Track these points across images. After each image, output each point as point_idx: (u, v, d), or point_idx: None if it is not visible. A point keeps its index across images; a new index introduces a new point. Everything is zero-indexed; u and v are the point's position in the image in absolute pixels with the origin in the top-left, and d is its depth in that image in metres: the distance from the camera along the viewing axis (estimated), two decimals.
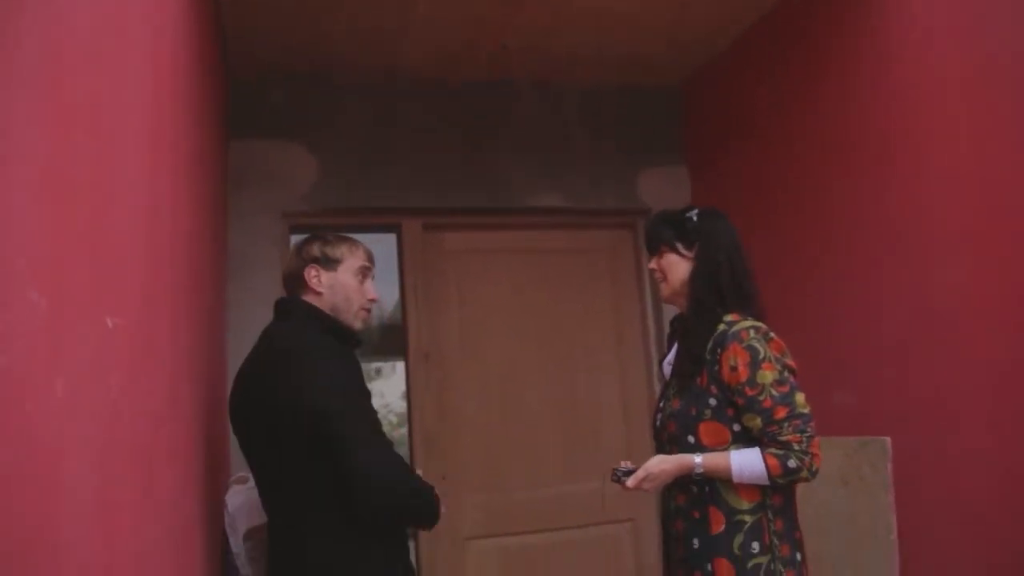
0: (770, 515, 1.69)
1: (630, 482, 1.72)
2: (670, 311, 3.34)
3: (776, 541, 1.68)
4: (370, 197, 3.11)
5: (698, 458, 1.69)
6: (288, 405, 1.62)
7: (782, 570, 1.67)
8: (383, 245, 3.30)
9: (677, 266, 1.86)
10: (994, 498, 1.97)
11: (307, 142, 3.03)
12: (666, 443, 1.81)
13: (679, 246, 1.86)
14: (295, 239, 2.18)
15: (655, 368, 3.35)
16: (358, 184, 3.08)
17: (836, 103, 2.53)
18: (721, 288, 1.79)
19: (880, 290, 2.36)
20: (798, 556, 1.71)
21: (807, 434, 1.66)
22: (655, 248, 1.91)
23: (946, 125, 2.13)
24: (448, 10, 2.69)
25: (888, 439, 2.28)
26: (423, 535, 3.03)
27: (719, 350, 1.71)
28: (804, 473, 1.65)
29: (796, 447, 1.65)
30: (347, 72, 3.08)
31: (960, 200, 2.09)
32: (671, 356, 1.90)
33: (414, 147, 3.15)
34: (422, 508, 1.72)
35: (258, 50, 2.84)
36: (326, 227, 3.54)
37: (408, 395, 3.18)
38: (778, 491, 1.71)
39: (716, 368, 1.71)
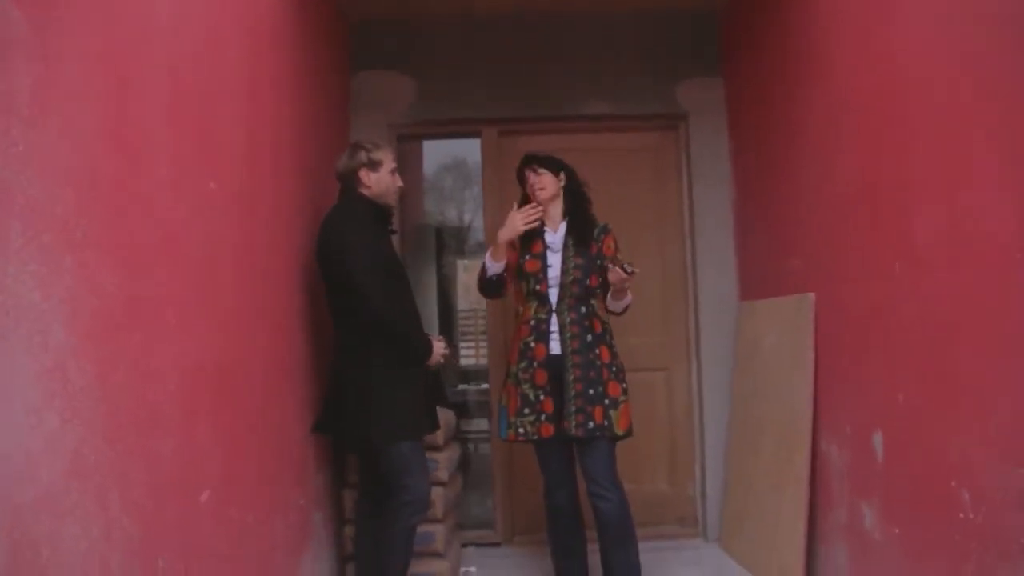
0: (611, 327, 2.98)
1: (627, 271, 2.62)
2: (704, 202, 3.98)
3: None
4: (456, 110, 4.02)
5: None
6: (336, 260, 2.60)
7: (619, 354, 2.93)
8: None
9: (552, 183, 2.94)
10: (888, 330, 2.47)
11: (407, 70, 3.97)
12: (572, 283, 2.85)
13: (553, 171, 2.95)
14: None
15: (688, 247, 4.04)
16: (447, 101, 4.00)
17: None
18: (582, 201, 2.97)
19: (832, 170, 2.77)
20: None
21: None
22: (535, 169, 2.95)
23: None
24: None
25: (813, 294, 2.91)
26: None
27: (603, 235, 2.95)
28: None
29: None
30: (435, 14, 3.95)
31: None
32: (561, 235, 2.94)
33: (490, 70, 4.00)
34: (409, 334, 2.68)
35: (364, 3, 3.79)
36: (423, 136, 4.51)
37: None
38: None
39: (600, 245, 2.93)
